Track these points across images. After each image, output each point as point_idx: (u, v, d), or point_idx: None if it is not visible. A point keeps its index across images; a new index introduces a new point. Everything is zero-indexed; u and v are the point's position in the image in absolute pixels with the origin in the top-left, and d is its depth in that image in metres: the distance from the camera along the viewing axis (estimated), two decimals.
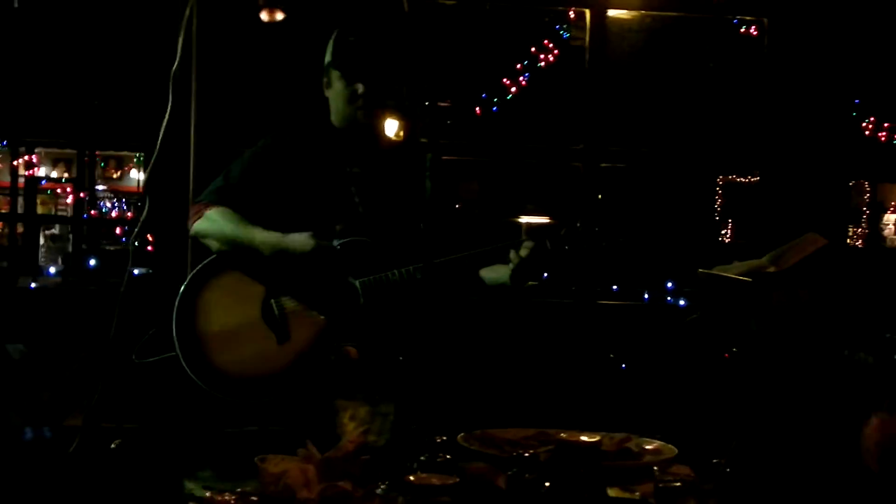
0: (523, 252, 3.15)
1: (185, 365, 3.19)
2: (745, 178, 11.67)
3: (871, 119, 10.57)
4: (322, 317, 3.22)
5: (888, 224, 8.79)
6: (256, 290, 3.26)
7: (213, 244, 3.37)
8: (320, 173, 3.39)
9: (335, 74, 3.38)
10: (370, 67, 3.34)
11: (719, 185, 11.97)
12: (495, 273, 3.30)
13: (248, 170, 3.41)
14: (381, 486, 2.32)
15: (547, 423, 3.01)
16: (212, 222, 3.34)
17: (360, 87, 3.34)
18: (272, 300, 3.23)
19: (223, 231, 3.33)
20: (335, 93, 3.41)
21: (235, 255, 3.29)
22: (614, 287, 8.28)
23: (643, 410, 5.53)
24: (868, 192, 11.38)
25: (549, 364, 6.64)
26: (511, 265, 3.18)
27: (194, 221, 3.38)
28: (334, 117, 3.43)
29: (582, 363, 6.83)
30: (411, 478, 2.30)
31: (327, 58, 3.40)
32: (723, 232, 11.94)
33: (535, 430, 2.89)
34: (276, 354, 3.21)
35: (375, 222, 3.35)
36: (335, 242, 3.22)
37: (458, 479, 2.29)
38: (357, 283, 3.23)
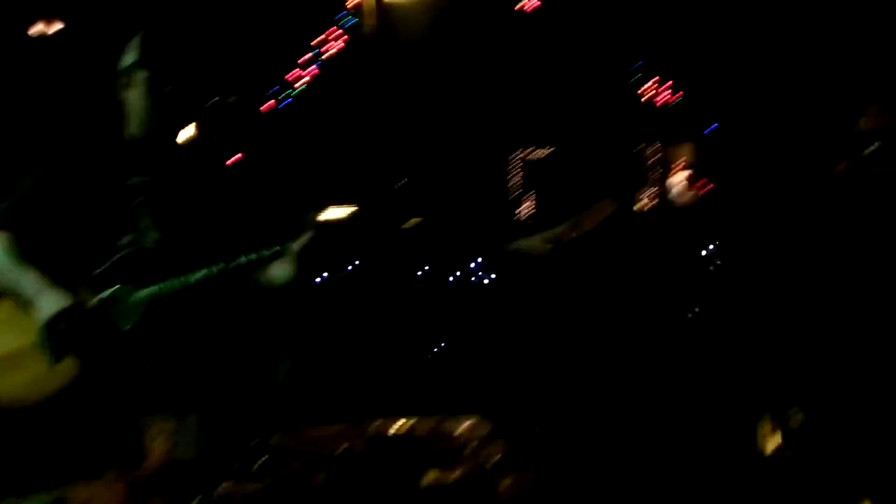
0: (299, 248, 3.17)
1: None
2: (543, 152, 11.90)
3: (656, 82, 10.91)
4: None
5: (676, 184, 9.15)
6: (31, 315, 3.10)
7: None
8: (105, 186, 3.26)
9: (140, 77, 3.24)
10: (177, 67, 3.24)
11: (519, 162, 12.17)
12: (282, 271, 3.27)
13: (35, 187, 3.24)
14: (195, 501, 2.25)
15: (364, 415, 3.00)
16: None
17: (168, 88, 3.23)
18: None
19: None
20: (136, 97, 3.27)
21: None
22: (420, 272, 8.32)
23: (458, 391, 5.59)
24: (656, 153, 11.77)
25: (363, 354, 6.63)
26: (294, 262, 3.18)
27: None
28: (130, 124, 3.30)
29: (395, 350, 6.86)
30: (223, 487, 2.23)
31: (128, 60, 3.26)
32: (524, 207, 12.15)
33: (350, 425, 2.88)
34: (56, 377, 3.05)
35: (163, 230, 3.24)
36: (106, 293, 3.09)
37: (272, 483, 2.25)
38: (142, 295, 3.11)
